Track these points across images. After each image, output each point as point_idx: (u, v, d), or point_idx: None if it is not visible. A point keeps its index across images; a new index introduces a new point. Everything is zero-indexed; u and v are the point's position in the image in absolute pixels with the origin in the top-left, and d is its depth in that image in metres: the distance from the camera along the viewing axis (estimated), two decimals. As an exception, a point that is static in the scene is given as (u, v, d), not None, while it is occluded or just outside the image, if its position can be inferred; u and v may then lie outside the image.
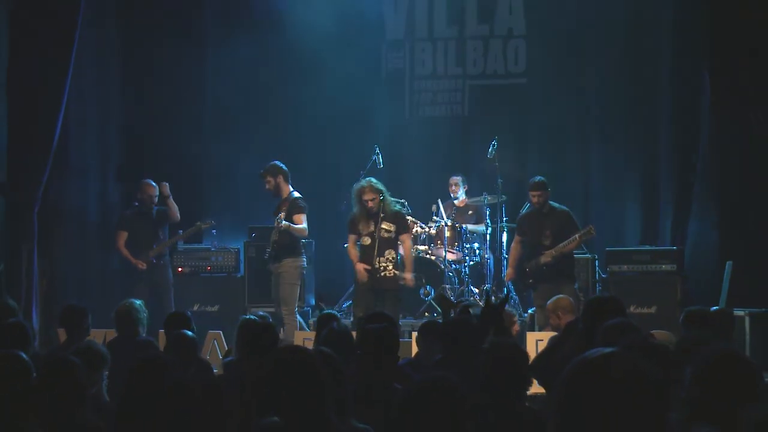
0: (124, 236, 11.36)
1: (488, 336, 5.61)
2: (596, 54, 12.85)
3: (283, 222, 10.46)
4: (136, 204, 11.50)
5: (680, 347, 5.07)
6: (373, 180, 10.55)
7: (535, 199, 10.49)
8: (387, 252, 10.31)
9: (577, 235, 10.44)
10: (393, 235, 10.37)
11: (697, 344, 4.61)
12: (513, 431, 4.54)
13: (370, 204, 10.28)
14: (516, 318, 8.75)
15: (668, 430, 2.25)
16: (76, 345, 6.25)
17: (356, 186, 10.55)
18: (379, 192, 10.33)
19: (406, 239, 10.49)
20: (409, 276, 10.38)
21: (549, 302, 8.49)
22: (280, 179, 10.76)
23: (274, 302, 10.72)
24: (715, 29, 9.45)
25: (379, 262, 10.26)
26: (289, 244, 10.65)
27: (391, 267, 10.29)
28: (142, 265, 11.17)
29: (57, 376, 4.65)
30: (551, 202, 10.63)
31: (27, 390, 4.37)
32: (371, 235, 10.37)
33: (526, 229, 10.61)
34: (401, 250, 10.56)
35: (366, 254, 10.36)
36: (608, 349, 2.30)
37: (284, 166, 10.88)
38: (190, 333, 6.69)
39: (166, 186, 11.50)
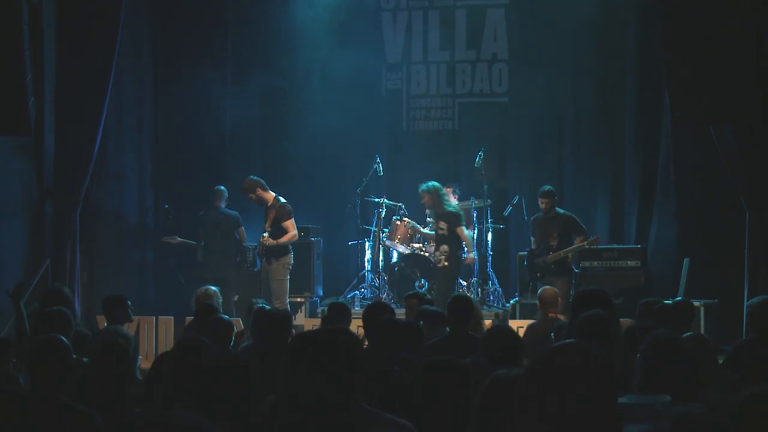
0: None
1: None
2: (569, 76, 12.77)
3: (268, 240, 10.53)
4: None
5: (629, 335, 4.94)
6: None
7: (543, 206, 10.49)
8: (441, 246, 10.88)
9: (585, 243, 10.41)
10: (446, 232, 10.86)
11: (644, 332, 4.49)
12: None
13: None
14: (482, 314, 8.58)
15: (616, 418, 2.11)
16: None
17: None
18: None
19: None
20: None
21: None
22: (259, 191, 10.73)
23: (264, 296, 10.55)
24: (674, 55, 9.35)
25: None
26: (279, 248, 10.61)
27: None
28: None
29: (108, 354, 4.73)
30: (557, 209, 10.59)
31: (66, 369, 4.29)
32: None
33: (536, 230, 10.66)
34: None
35: None
36: (567, 341, 2.21)
37: (258, 177, 10.85)
38: (227, 317, 6.58)
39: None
